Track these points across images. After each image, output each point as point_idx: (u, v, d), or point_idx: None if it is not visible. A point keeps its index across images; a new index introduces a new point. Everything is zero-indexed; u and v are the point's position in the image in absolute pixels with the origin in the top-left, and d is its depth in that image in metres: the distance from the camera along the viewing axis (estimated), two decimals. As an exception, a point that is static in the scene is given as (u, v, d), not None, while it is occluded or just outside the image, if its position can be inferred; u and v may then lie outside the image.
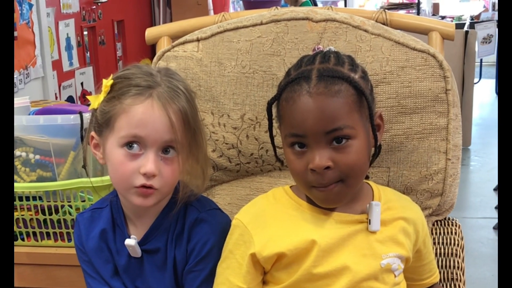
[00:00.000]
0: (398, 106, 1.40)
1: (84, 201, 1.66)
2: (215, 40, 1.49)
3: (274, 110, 1.18)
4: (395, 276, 1.18)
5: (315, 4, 6.42)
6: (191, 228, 1.24)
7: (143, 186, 1.15)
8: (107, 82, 1.19)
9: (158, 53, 1.52)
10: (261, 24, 1.47)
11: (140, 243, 1.24)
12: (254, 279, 1.17)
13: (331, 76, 1.09)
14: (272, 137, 1.22)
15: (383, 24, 1.51)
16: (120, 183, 1.18)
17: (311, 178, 1.10)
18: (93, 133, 1.22)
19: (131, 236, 1.25)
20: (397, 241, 1.19)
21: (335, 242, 1.14)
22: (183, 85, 1.21)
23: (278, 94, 1.14)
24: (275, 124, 1.19)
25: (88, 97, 1.23)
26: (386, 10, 1.56)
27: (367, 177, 1.22)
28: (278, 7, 1.53)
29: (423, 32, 1.54)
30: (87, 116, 1.62)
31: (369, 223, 1.17)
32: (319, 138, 1.08)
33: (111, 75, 1.21)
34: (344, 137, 1.09)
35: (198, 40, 1.50)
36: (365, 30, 1.44)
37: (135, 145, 1.15)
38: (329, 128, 1.08)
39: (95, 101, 1.20)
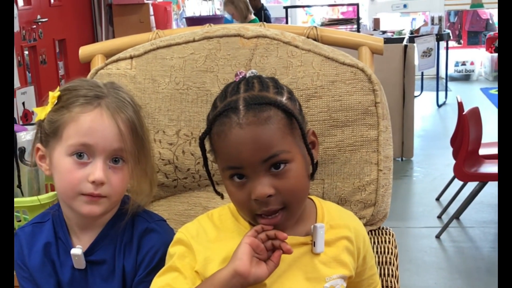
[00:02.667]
0: (329, 120, 1.43)
1: (20, 221, 1.64)
2: (148, 58, 1.50)
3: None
4: None
5: (268, 19, 6.49)
6: (140, 238, 1.25)
7: (91, 195, 1.16)
8: (54, 94, 1.20)
9: (92, 71, 1.53)
10: (194, 41, 1.49)
11: (85, 254, 1.24)
12: None
13: (258, 104, 1.07)
14: (208, 172, 1.20)
15: (315, 40, 1.54)
16: (67, 191, 1.19)
17: (255, 206, 1.10)
18: (38, 145, 1.22)
19: (77, 246, 1.24)
20: (340, 261, 1.20)
21: (281, 267, 1.14)
22: (129, 97, 1.24)
23: (208, 128, 1.12)
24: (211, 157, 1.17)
25: (34, 109, 1.24)
26: (317, 26, 1.60)
27: None
28: (212, 24, 1.55)
29: (353, 47, 1.58)
30: (21, 136, 1.60)
31: (314, 245, 1.17)
32: (257, 168, 1.08)
33: (58, 88, 1.22)
34: (281, 162, 1.08)
35: (131, 57, 1.51)
36: (296, 46, 1.47)
37: (83, 154, 1.16)
38: (265, 157, 1.07)
39: (42, 112, 1.21)
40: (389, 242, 1.50)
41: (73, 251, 1.24)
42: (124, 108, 1.20)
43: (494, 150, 3.98)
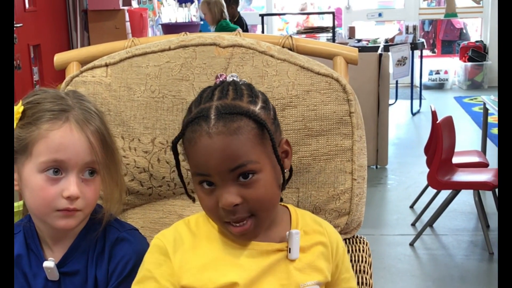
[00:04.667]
0: (304, 129, 1.44)
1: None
2: (123, 65, 1.50)
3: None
4: None
5: (246, 26, 6.50)
6: (112, 247, 1.24)
7: (67, 209, 1.16)
8: (18, 109, 1.18)
9: (67, 78, 1.52)
10: (169, 49, 1.49)
11: (58, 266, 1.23)
12: None
13: (230, 113, 1.08)
14: (180, 175, 1.20)
15: (290, 49, 1.55)
16: (41, 208, 1.18)
17: (223, 214, 1.11)
18: None
19: (49, 258, 1.23)
20: (316, 267, 1.20)
21: (256, 275, 1.14)
22: (93, 106, 1.24)
23: (181, 133, 1.12)
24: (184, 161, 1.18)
25: None
26: (293, 36, 1.61)
27: (280, 200, 1.24)
28: (187, 33, 1.56)
29: (328, 57, 1.59)
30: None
31: (289, 252, 1.17)
32: (225, 176, 1.08)
33: (20, 101, 1.20)
34: (249, 172, 1.08)
35: (106, 65, 1.50)
36: (271, 55, 1.47)
37: (57, 170, 1.16)
38: (233, 166, 1.07)
39: None
40: (363, 250, 1.51)
41: (46, 264, 1.23)
42: (91, 120, 1.20)
43: (467, 159, 4.03)
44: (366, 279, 1.47)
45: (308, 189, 1.46)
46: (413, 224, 4.05)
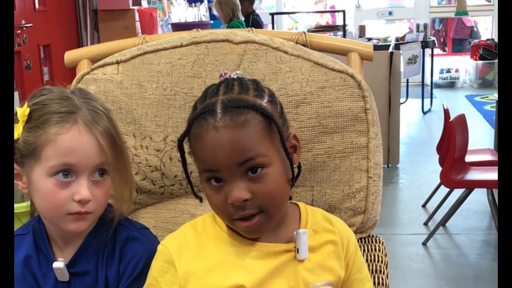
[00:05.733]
0: (319, 126, 1.41)
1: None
2: (135, 63, 1.48)
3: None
4: None
5: (259, 25, 6.46)
6: (122, 247, 1.23)
7: (78, 213, 1.14)
8: (24, 111, 1.16)
9: (77, 76, 1.50)
10: (181, 46, 1.47)
11: (68, 266, 1.22)
12: None
13: (236, 107, 1.06)
14: (187, 174, 1.18)
15: (304, 45, 1.53)
16: (52, 212, 1.16)
17: (231, 211, 1.08)
18: None
19: (59, 259, 1.22)
20: (326, 267, 1.17)
21: (264, 277, 1.12)
22: (100, 104, 1.22)
23: (187, 130, 1.11)
24: (190, 158, 1.16)
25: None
26: (306, 32, 1.58)
27: (289, 198, 1.21)
28: (199, 30, 1.54)
29: (342, 53, 1.56)
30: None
31: (297, 252, 1.15)
32: (233, 171, 1.06)
33: (26, 103, 1.18)
34: (258, 166, 1.07)
35: (118, 62, 1.49)
36: (285, 52, 1.45)
37: (67, 173, 1.14)
38: (241, 160, 1.05)
39: (15, 131, 1.17)
40: (379, 250, 1.48)
41: (55, 264, 1.21)
42: (99, 120, 1.18)
43: (480, 157, 4.00)
44: (382, 279, 1.44)
45: (322, 188, 1.43)
46: (426, 224, 4.02)
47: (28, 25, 4.55)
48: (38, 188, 1.16)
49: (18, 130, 1.16)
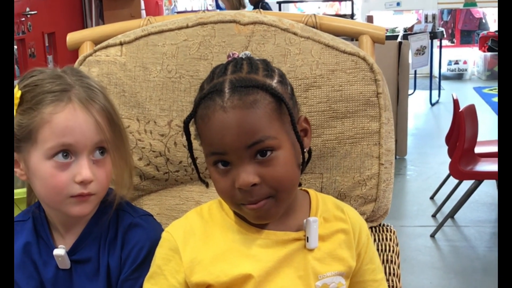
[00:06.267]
0: (329, 111, 1.37)
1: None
2: (139, 44, 1.43)
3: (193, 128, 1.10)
4: None
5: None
6: (125, 234, 1.19)
7: (81, 195, 1.11)
8: (16, 94, 1.11)
9: (80, 57, 1.46)
10: (187, 27, 1.42)
11: (69, 253, 1.18)
12: None
13: (245, 86, 1.01)
14: (193, 158, 1.14)
15: (313, 27, 1.48)
16: (53, 196, 1.13)
17: (239, 196, 1.04)
18: None
19: (59, 246, 1.18)
20: (337, 256, 1.13)
21: (272, 266, 1.08)
22: (94, 81, 1.18)
23: (193, 111, 1.06)
24: (196, 143, 1.11)
25: None
26: (316, 14, 1.53)
27: (299, 184, 1.17)
28: (206, 11, 1.49)
29: (354, 35, 1.52)
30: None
31: (307, 241, 1.10)
32: (241, 154, 1.01)
33: (16, 85, 1.13)
34: (267, 149, 1.01)
35: (121, 44, 1.44)
36: (294, 33, 1.40)
37: (66, 154, 1.10)
38: (250, 142, 1.00)
39: None
40: (390, 239, 1.44)
41: (56, 251, 1.18)
42: (95, 97, 1.13)
43: (490, 148, 3.94)
44: (393, 269, 1.40)
45: (332, 175, 1.39)
46: (434, 216, 3.99)
47: (32, 12, 4.52)
48: (37, 172, 1.12)
49: None
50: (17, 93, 1.12)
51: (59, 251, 1.18)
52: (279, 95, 1.02)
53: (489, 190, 4.10)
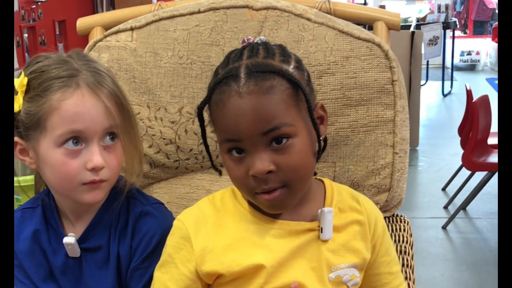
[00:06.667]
0: (343, 98, 1.34)
1: (11, 202, 1.55)
2: (150, 29, 1.41)
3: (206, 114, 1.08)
4: (348, 287, 1.11)
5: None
6: (136, 222, 1.17)
7: (93, 182, 1.09)
8: (22, 81, 1.09)
9: (90, 43, 1.44)
10: (199, 12, 1.40)
11: (79, 241, 1.17)
12: None
13: (261, 71, 0.98)
14: (206, 145, 1.12)
15: (327, 13, 1.45)
16: (64, 184, 1.11)
17: (253, 184, 1.01)
18: (16, 139, 1.13)
19: (69, 234, 1.17)
20: (351, 248, 1.11)
21: (285, 256, 1.06)
22: (100, 65, 1.15)
23: (208, 97, 1.03)
24: (209, 130, 1.09)
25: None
26: (330, 0, 1.50)
27: (314, 174, 1.14)
28: (218, -4, 1.46)
29: (368, 22, 1.49)
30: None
31: (321, 231, 1.08)
32: (256, 141, 0.99)
33: (22, 72, 1.11)
34: (283, 136, 0.99)
35: (132, 29, 1.42)
36: (308, 19, 1.37)
37: (76, 141, 1.08)
38: (265, 129, 0.98)
39: (15, 104, 1.10)
40: (404, 230, 1.42)
41: (66, 239, 1.16)
42: (103, 82, 1.11)
43: (503, 140, 3.90)
44: (407, 260, 1.37)
45: (345, 164, 1.36)
46: (446, 207, 3.96)
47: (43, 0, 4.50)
48: (47, 160, 1.10)
49: (18, 102, 1.10)
50: (24, 80, 1.09)
51: (69, 239, 1.16)
52: (296, 81, 1.00)
53: (501, 182, 4.06)
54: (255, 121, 0.97)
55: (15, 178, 1.28)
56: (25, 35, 4.35)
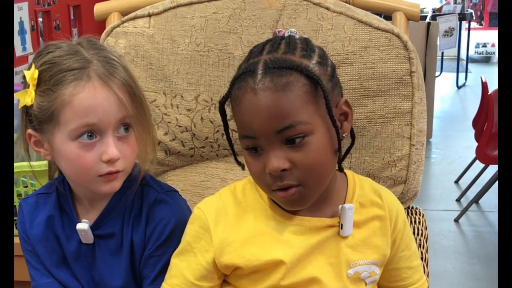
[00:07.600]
0: (360, 89, 1.33)
1: (26, 186, 1.57)
2: (167, 16, 1.40)
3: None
4: (366, 284, 1.10)
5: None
6: (150, 209, 1.17)
7: (109, 173, 1.09)
8: (33, 74, 1.08)
9: (107, 28, 1.43)
10: (217, -1, 1.39)
11: (92, 228, 1.17)
12: (211, 280, 1.09)
13: (278, 67, 0.97)
14: (229, 139, 1.11)
15: (346, 3, 1.44)
16: (81, 176, 1.10)
17: (270, 181, 1.00)
18: (30, 131, 1.12)
19: (83, 220, 1.17)
20: (371, 244, 1.09)
21: (304, 252, 1.05)
22: (111, 53, 1.13)
23: (228, 91, 1.03)
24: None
25: (16, 94, 1.11)
26: (349, -11, 1.49)
27: (341, 170, 1.11)
28: (236, -17, 1.45)
29: (387, 12, 1.47)
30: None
31: (341, 228, 1.07)
32: (271, 139, 0.97)
33: (32, 64, 1.10)
34: (298, 135, 0.97)
35: (149, 15, 1.41)
36: (327, 8, 1.36)
37: (90, 134, 1.07)
38: (279, 127, 0.96)
39: (27, 97, 1.09)
40: (419, 222, 1.41)
41: (79, 226, 1.16)
42: (115, 72, 1.10)
43: (518, 133, 3.87)
44: (421, 253, 1.36)
45: (361, 155, 1.35)
46: (458, 200, 3.93)
47: (58, -15, 4.50)
48: (63, 153, 1.10)
49: (30, 96, 1.09)
50: (35, 73, 1.08)
51: (82, 225, 1.16)
52: (315, 77, 0.98)
53: (515, 175, 4.04)
54: (269, 118, 0.96)
55: (29, 163, 1.29)
56: (40, 19, 4.35)
